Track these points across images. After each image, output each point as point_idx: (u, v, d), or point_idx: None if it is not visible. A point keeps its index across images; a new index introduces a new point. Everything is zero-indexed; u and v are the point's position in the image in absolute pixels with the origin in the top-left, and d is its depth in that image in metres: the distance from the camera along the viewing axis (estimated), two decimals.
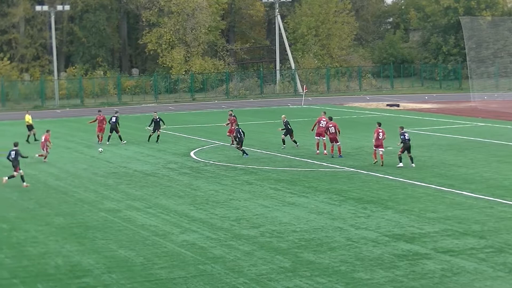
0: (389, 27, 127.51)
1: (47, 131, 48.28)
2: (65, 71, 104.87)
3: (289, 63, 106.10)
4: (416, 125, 63.92)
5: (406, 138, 42.53)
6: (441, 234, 28.64)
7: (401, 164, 42.86)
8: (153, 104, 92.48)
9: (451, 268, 24.49)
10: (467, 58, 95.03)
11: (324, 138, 47.17)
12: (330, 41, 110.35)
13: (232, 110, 55.46)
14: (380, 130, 44.01)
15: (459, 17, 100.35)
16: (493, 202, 34.16)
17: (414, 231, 29.27)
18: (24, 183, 39.73)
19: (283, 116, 51.73)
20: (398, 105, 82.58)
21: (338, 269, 24.66)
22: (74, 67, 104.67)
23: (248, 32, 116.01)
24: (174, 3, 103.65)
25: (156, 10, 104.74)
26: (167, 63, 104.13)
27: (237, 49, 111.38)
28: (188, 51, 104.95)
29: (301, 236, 28.87)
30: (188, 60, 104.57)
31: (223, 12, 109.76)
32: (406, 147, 42.84)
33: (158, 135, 55.93)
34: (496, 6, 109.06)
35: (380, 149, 43.91)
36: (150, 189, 38.79)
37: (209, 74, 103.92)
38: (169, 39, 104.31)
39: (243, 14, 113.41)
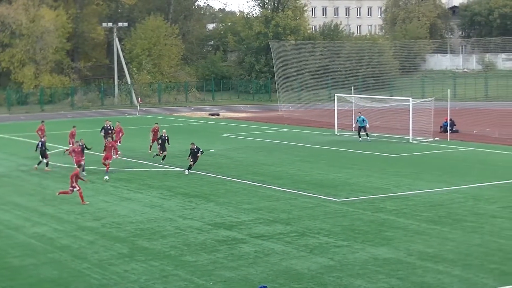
0: (210, 49, 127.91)
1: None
2: None
3: (126, 79, 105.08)
4: (233, 131, 64.54)
5: (196, 150, 41.19)
6: (254, 222, 29.05)
7: (188, 172, 41.26)
8: (6, 115, 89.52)
9: (263, 250, 24.87)
10: (275, 75, 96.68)
11: None
12: (161, 60, 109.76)
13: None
14: (158, 129, 48.54)
15: (269, 40, 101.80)
16: (297, 194, 34.91)
17: (232, 220, 29.56)
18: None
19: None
20: (218, 114, 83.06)
21: (168, 254, 24.63)
22: None
23: (90, 52, 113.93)
24: (24, 27, 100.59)
25: (8, 33, 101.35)
26: (19, 79, 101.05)
27: (81, 67, 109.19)
28: (37, 68, 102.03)
29: (137, 226, 28.68)
30: (38, 76, 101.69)
31: (68, 35, 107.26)
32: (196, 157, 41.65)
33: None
34: (298, 32, 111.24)
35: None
36: (4, 189, 37.59)
37: (57, 88, 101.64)
38: (21, 58, 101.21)
39: (86, 37, 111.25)
